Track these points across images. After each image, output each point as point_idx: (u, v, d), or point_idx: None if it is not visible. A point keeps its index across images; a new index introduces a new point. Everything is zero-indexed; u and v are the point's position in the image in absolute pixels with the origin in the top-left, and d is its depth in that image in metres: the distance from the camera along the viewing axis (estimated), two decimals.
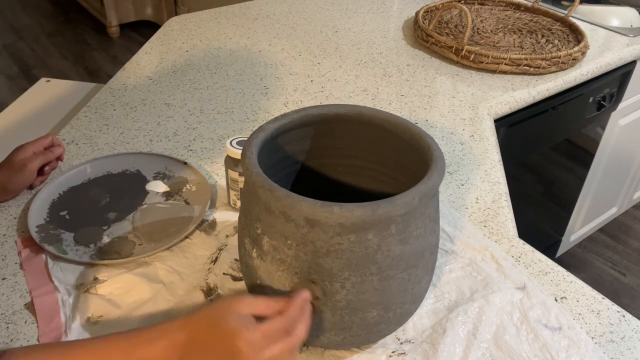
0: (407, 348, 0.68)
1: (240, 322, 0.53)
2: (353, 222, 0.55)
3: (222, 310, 0.54)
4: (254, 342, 0.52)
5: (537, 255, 0.83)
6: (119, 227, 0.84)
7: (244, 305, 0.55)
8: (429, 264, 0.65)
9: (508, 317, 0.72)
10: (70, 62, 3.35)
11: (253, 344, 0.52)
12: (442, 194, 0.94)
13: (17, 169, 0.85)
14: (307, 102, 1.18)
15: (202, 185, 0.91)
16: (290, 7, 1.64)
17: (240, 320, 0.53)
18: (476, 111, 1.17)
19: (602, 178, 1.83)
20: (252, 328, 0.53)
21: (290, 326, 0.55)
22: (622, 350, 0.70)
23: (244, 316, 0.54)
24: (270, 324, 0.54)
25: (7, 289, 0.74)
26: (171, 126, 1.08)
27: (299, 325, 0.56)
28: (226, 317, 0.53)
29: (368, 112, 0.71)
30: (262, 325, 0.53)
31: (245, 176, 0.61)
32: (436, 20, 1.43)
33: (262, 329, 0.53)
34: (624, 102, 1.64)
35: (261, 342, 0.52)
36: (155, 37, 1.43)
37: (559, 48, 1.36)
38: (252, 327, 0.53)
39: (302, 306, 0.57)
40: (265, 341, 0.53)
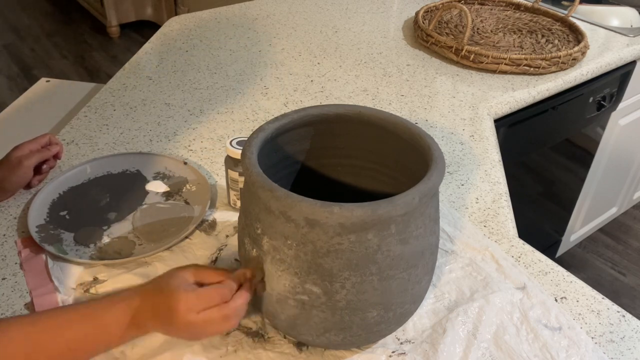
0: (407, 348, 0.68)
1: (180, 284, 0.59)
2: (353, 222, 0.55)
3: (168, 275, 0.61)
4: (188, 301, 0.58)
5: (537, 255, 0.83)
6: (119, 227, 0.84)
7: (188, 271, 0.61)
8: (429, 264, 0.65)
9: (508, 317, 0.72)
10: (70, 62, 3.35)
11: (187, 302, 0.58)
12: (442, 194, 0.94)
13: (13, 166, 0.85)
14: (307, 102, 1.18)
15: (202, 185, 0.91)
16: (290, 7, 1.64)
17: (180, 282, 0.59)
18: (476, 111, 1.17)
19: (602, 178, 1.83)
20: (189, 289, 0.59)
21: (226, 294, 0.60)
22: (622, 350, 0.70)
23: (186, 280, 0.60)
24: (207, 289, 0.60)
25: (7, 289, 0.74)
26: (171, 126, 1.08)
27: (237, 298, 0.60)
28: (170, 280, 0.60)
29: (368, 112, 0.71)
30: (199, 289, 0.59)
31: (245, 176, 0.61)
32: (436, 20, 1.43)
33: (198, 291, 0.59)
34: (624, 102, 1.64)
35: (195, 303, 0.58)
36: (155, 37, 1.43)
37: (559, 48, 1.36)
38: (190, 289, 0.59)
39: (241, 280, 0.62)
40: (200, 302, 0.58)
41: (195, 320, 0.58)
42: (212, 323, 0.59)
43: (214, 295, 0.59)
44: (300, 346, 0.68)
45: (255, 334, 0.69)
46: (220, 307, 0.59)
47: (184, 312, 0.57)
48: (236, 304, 0.60)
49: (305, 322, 0.61)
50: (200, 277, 0.61)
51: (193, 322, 0.58)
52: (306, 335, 0.64)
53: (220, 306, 0.59)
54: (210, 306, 0.58)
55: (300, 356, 0.67)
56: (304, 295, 0.60)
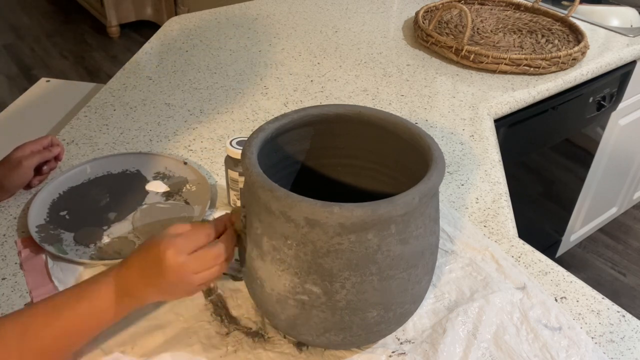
0: (407, 348, 0.68)
1: (165, 234, 0.60)
2: (353, 222, 0.55)
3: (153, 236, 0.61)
4: (176, 245, 0.58)
5: (537, 255, 0.83)
6: (119, 227, 0.84)
7: (172, 227, 0.61)
8: (429, 264, 0.65)
9: (508, 317, 0.72)
10: (70, 62, 3.35)
11: (175, 246, 0.58)
12: (442, 194, 0.94)
13: (13, 166, 0.86)
14: (307, 102, 1.18)
15: (202, 185, 0.91)
16: (290, 7, 1.64)
17: (164, 234, 0.60)
18: (476, 111, 1.17)
19: (602, 178, 1.83)
20: (176, 235, 0.59)
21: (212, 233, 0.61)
22: (622, 350, 0.70)
23: (169, 232, 0.60)
24: (192, 231, 0.60)
25: (7, 289, 0.74)
26: (171, 126, 1.08)
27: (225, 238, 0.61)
28: (155, 236, 0.61)
29: (368, 112, 0.71)
30: (184, 233, 0.60)
31: (245, 176, 0.61)
32: (436, 20, 1.43)
33: (184, 234, 0.59)
34: (624, 102, 1.64)
35: (183, 244, 0.58)
36: (155, 37, 1.43)
37: (559, 48, 1.36)
38: (176, 235, 0.59)
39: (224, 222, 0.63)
40: (187, 243, 0.59)
41: (187, 260, 0.58)
42: (204, 262, 0.59)
43: (201, 235, 0.60)
44: (300, 346, 0.68)
45: (255, 334, 0.69)
46: (209, 247, 0.60)
47: (173, 255, 0.57)
48: (225, 242, 0.61)
49: (305, 322, 0.61)
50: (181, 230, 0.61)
51: (184, 262, 0.58)
52: (306, 335, 0.64)
53: (209, 245, 0.60)
54: (198, 247, 0.59)
55: (300, 356, 0.67)
56: (304, 295, 0.60)
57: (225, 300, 0.73)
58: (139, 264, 0.60)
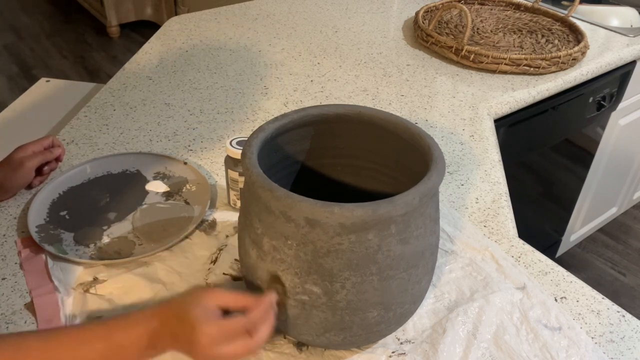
0: (407, 348, 0.68)
1: (202, 314, 0.55)
2: (353, 222, 0.55)
3: (190, 300, 0.57)
4: (210, 335, 0.55)
5: (537, 255, 0.83)
6: (119, 227, 0.84)
7: (211, 297, 0.57)
8: (429, 264, 0.65)
9: (508, 317, 0.72)
10: (70, 62, 3.35)
11: (209, 337, 0.54)
12: (442, 194, 0.94)
13: (14, 167, 0.86)
14: (307, 102, 1.18)
15: (202, 185, 0.91)
16: (290, 7, 1.64)
17: (203, 312, 0.56)
18: (476, 111, 1.17)
19: (602, 178, 1.83)
20: (211, 322, 0.55)
21: (252, 327, 0.57)
22: (622, 350, 0.70)
23: (209, 309, 0.56)
24: (231, 322, 0.56)
25: (7, 289, 0.74)
26: (171, 126, 1.08)
27: (261, 327, 0.57)
28: (192, 307, 0.56)
29: (368, 112, 0.71)
30: (222, 322, 0.56)
31: (245, 176, 0.61)
32: (436, 20, 1.43)
33: (221, 324, 0.56)
34: (624, 102, 1.64)
35: (218, 337, 0.55)
36: (155, 37, 1.43)
37: (559, 48, 1.36)
38: (212, 322, 0.55)
39: (267, 309, 0.59)
40: (223, 337, 0.55)
41: (219, 353, 0.55)
42: (236, 356, 0.56)
43: (239, 328, 0.56)
44: (300, 346, 0.68)
45: None
46: (244, 342, 0.56)
47: (206, 346, 0.55)
48: (260, 338, 0.57)
49: (305, 322, 0.61)
50: (224, 302, 0.58)
51: (216, 355, 0.55)
52: (306, 335, 0.64)
53: (245, 340, 0.56)
54: (234, 340, 0.56)
55: (300, 356, 0.67)
56: (304, 295, 0.60)
57: None
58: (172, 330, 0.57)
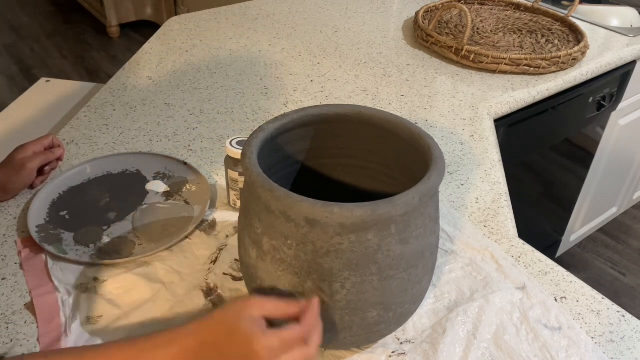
0: (407, 348, 0.68)
1: (256, 327, 0.53)
2: (353, 222, 0.55)
3: (234, 313, 0.54)
4: (271, 348, 0.52)
5: (537, 255, 0.83)
6: (119, 227, 0.84)
7: (255, 308, 0.54)
8: (429, 264, 0.65)
9: (508, 317, 0.72)
10: (70, 62, 3.35)
11: (270, 350, 0.52)
12: (442, 194, 0.94)
13: (16, 168, 0.85)
14: (307, 102, 1.18)
15: (202, 185, 0.91)
16: (290, 7, 1.64)
17: (255, 323, 0.53)
18: (476, 111, 1.17)
19: (602, 178, 1.83)
20: (269, 334, 0.52)
21: (307, 335, 0.55)
22: (622, 350, 0.70)
23: (257, 319, 0.53)
24: (288, 331, 0.54)
25: (7, 289, 0.74)
26: (171, 126, 1.08)
27: (316, 333, 0.56)
28: (240, 320, 0.53)
29: (368, 112, 0.71)
30: (280, 332, 0.53)
31: (245, 176, 0.61)
32: (436, 20, 1.43)
33: (280, 335, 0.53)
34: (624, 102, 1.64)
35: (279, 349, 0.52)
36: (155, 37, 1.43)
37: (559, 48, 1.36)
38: (270, 333, 0.53)
39: (318, 314, 0.57)
40: (283, 348, 0.53)
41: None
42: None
43: (297, 338, 0.54)
44: None
45: None
46: (302, 351, 0.54)
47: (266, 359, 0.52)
48: (315, 344, 0.55)
49: None
50: (267, 312, 0.55)
51: None
52: None
53: (302, 349, 0.54)
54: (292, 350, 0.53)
55: None
56: (304, 295, 0.60)
57: (225, 300, 0.73)
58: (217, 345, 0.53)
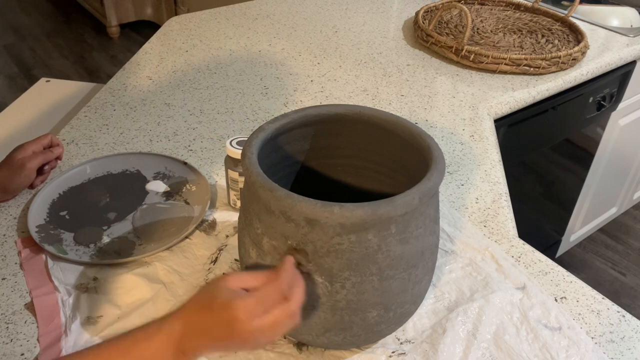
0: (407, 348, 0.68)
1: (230, 295, 0.53)
2: (353, 222, 0.55)
3: (211, 289, 0.55)
4: (249, 307, 0.52)
5: (537, 255, 0.83)
6: (119, 227, 0.84)
7: (231, 280, 0.55)
8: (429, 264, 0.65)
9: (508, 317, 0.72)
10: (70, 62, 3.35)
11: (248, 310, 0.52)
12: (442, 194, 0.94)
13: (16, 168, 0.85)
14: (307, 102, 1.18)
15: (202, 185, 0.91)
16: (290, 7, 1.64)
17: (230, 292, 0.53)
18: (476, 111, 1.17)
19: (602, 178, 1.83)
20: (246, 296, 0.53)
21: (286, 289, 0.54)
22: (622, 350, 0.70)
23: (233, 289, 0.54)
24: (264, 289, 0.54)
25: (7, 289, 0.74)
26: (171, 126, 1.08)
27: (295, 288, 0.55)
28: (217, 293, 0.54)
29: (368, 112, 0.71)
30: (257, 292, 0.53)
31: (245, 176, 0.61)
32: (436, 20, 1.43)
33: (257, 295, 0.53)
34: (624, 102, 1.64)
35: (256, 307, 0.52)
36: (155, 37, 1.43)
37: (559, 48, 1.36)
38: (246, 295, 0.53)
39: (293, 270, 0.56)
40: (261, 306, 0.52)
41: (261, 325, 0.52)
42: (277, 325, 0.54)
43: (274, 294, 0.54)
44: (300, 346, 0.68)
45: None
46: (284, 307, 0.53)
47: (246, 321, 0.52)
48: (297, 300, 0.54)
49: (306, 322, 0.61)
50: (244, 283, 0.55)
51: (259, 327, 0.52)
52: (306, 335, 0.64)
53: (283, 305, 0.54)
54: (271, 307, 0.53)
55: (300, 356, 0.67)
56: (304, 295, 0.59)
57: None
58: (200, 322, 0.54)
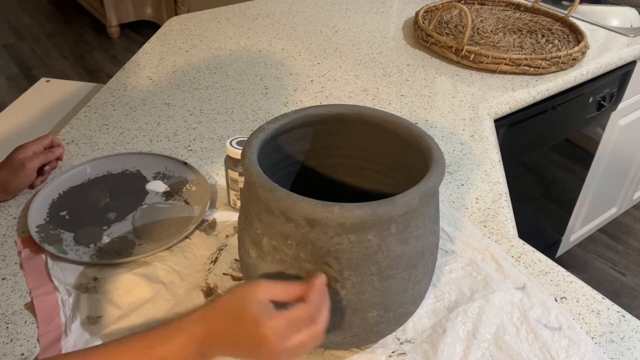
0: (407, 348, 0.68)
1: (262, 310, 0.52)
2: (353, 222, 0.55)
3: (240, 298, 0.54)
4: (279, 329, 0.52)
5: (537, 255, 0.83)
6: (119, 227, 0.84)
7: (261, 292, 0.54)
8: (429, 264, 0.65)
9: (508, 317, 0.72)
10: (70, 62, 3.35)
11: (278, 331, 0.52)
12: (442, 194, 0.94)
13: (16, 168, 0.86)
14: (307, 102, 1.18)
15: (202, 185, 0.91)
16: (290, 7, 1.64)
17: (262, 307, 0.52)
18: (476, 111, 1.17)
19: (602, 178, 1.83)
20: (276, 316, 0.52)
21: (314, 313, 0.54)
22: (622, 350, 0.70)
23: (264, 303, 0.53)
24: (294, 311, 0.53)
25: (7, 289, 0.74)
26: (171, 126, 1.08)
27: (323, 311, 0.55)
28: (247, 305, 0.53)
29: (368, 112, 0.71)
30: (287, 313, 0.53)
31: (245, 176, 0.61)
32: (436, 20, 1.43)
33: (287, 316, 0.52)
34: (624, 102, 1.64)
35: (286, 330, 0.52)
36: (155, 37, 1.43)
37: (559, 48, 1.36)
38: (277, 314, 0.52)
39: (323, 291, 0.56)
40: (291, 329, 0.52)
41: (289, 347, 0.52)
42: (304, 346, 0.54)
43: (305, 317, 0.54)
44: None
45: None
46: (310, 329, 0.54)
47: (276, 342, 0.52)
48: (323, 322, 0.55)
49: None
50: (275, 295, 0.55)
51: (286, 350, 0.52)
52: None
53: (310, 327, 0.54)
54: (299, 329, 0.53)
55: None
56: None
57: None
58: (225, 331, 0.53)
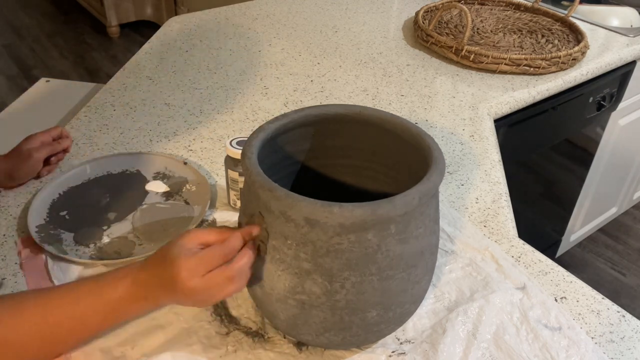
0: (407, 348, 0.68)
1: (181, 251, 0.58)
2: (353, 222, 0.55)
3: (171, 244, 0.59)
4: (189, 267, 0.57)
5: (537, 255, 0.83)
6: (119, 227, 0.84)
7: (191, 236, 0.59)
8: (429, 264, 0.65)
9: (508, 317, 0.72)
10: (70, 62, 3.35)
11: (189, 269, 0.57)
12: (442, 194, 0.94)
13: (23, 157, 0.88)
14: (307, 102, 1.18)
15: (202, 185, 0.91)
16: (290, 7, 1.64)
17: (181, 249, 0.58)
18: (476, 111, 1.17)
19: (602, 178, 1.83)
20: (190, 255, 0.57)
21: (229, 253, 0.58)
22: (622, 350, 0.70)
23: (188, 246, 0.58)
24: (207, 250, 0.58)
25: (7, 289, 0.74)
26: (171, 126, 1.08)
27: (240, 255, 0.58)
28: (171, 248, 0.59)
29: (368, 112, 0.71)
30: (200, 252, 0.57)
31: (245, 176, 0.61)
32: (436, 20, 1.43)
33: (199, 254, 0.57)
34: (624, 102, 1.64)
35: (197, 267, 0.57)
36: (155, 37, 1.43)
37: (559, 48, 1.36)
38: (191, 254, 0.57)
39: (245, 238, 0.60)
40: (202, 267, 0.57)
41: (198, 285, 0.57)
42: (215, 286, 0.58)
43: (216, 256, 0.58)
44: (300, 346, 0.68)
45: (255, 334, 0.69)
46: (222, 269, 0.57)
47: (185, 279, 0.57)
48: (239, 264, 0.58)
49: (305, 322, 0.61)
50: (204, 239, 0.59)
51: (196, 287, 0.57)
52: (306, 335, 0.64)
53: (222, 268, 0.57)
54: (212, 268, 0.57)
55: (300, 356, 0.67)
56: (304, 295, 0.60)
57: (225, 300, 0.73)
58: (157, 273, 0.59)
